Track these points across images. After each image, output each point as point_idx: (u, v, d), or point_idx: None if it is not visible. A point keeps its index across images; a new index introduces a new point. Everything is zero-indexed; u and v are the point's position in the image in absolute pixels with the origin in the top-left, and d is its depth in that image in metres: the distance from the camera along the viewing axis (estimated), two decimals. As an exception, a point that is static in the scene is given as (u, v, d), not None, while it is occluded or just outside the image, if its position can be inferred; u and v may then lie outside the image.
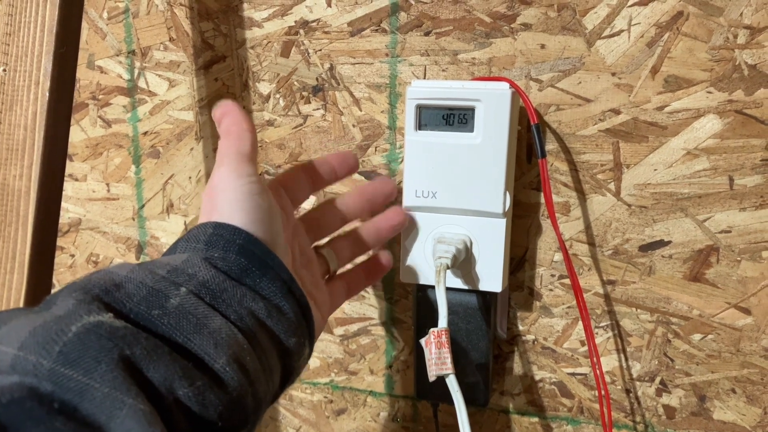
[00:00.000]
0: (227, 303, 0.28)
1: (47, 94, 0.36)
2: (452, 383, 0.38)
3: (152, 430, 0.22)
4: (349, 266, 0.43)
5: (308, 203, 0.49)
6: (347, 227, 0.43)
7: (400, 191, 0.44)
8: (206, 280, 0.28)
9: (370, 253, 0.45)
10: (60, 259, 0.60)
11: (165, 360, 0.24)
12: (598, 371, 0.45)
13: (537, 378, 0.49)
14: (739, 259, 0.43)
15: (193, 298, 0.27)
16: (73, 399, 0.22)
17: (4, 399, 0.21)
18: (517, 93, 0.41)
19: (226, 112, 0.36)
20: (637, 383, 0.47)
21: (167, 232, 0.56)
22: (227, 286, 0.29)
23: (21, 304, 0.36)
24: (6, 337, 0.23)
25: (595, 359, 0.45)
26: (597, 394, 0.48)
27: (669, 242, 0.44)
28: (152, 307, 0.26)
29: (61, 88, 0.37)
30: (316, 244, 0.41)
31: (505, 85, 0.41)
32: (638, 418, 0.47)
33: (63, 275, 0.60)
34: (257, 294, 0.30)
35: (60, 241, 0.60)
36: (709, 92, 0.42)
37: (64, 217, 0.59)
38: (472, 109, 0.41)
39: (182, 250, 0.31)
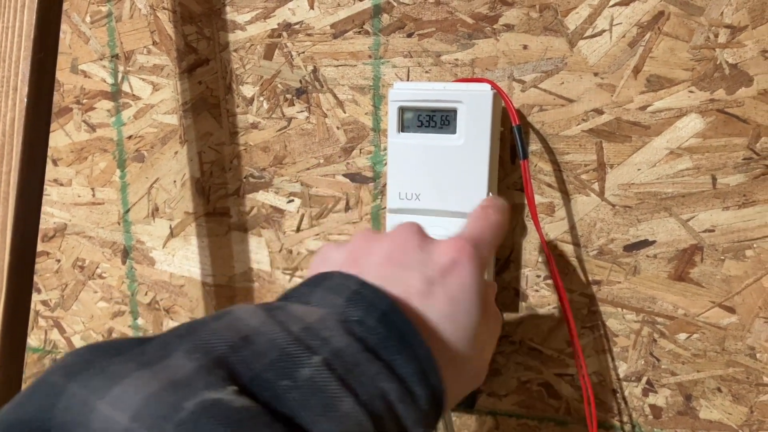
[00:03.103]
0: (359, 380, 0.25)
1: (25, 100, 0.36)
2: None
3: None
4: None
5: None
6: None
7: None
8: (341, 348, 0.25)
9: None
10: (46, 264, 0.60)
11: None
12: (583, 372, 0.44)
13: (524, 379, 0.49)
14: (722, 258, 0.43)
15: (325, 371, 0.24)
16: None
17: None
18: (498, 94, 0.41)
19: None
20: (624, 383, 0.47)
21: (153, 236, 0.56)
22: (362, 359, 0.25)
23: (0, 312, 0.36)
24: (119, 401, 0.21)
25: (580, 361, 0.45)
26: (583, 394, 0.48)
27: (653, 242, 0.44)
28: (281, 376, 0.23)
29: (39, 94, 0.37)
30: None
31: (487, 87, 0.40)
32: (625, 418, 0.47)
33: (49, 280, 0.60)
34: (393, 373, 0.26)
35: (46, 246, 0.59)
36: (691, 92, 0.42)
37: (50, 222, 0.59)
38: (454, 111, 0.41)
39: (318, 302, 0.28)
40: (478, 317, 0.31)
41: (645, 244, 0.44)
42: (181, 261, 0.56)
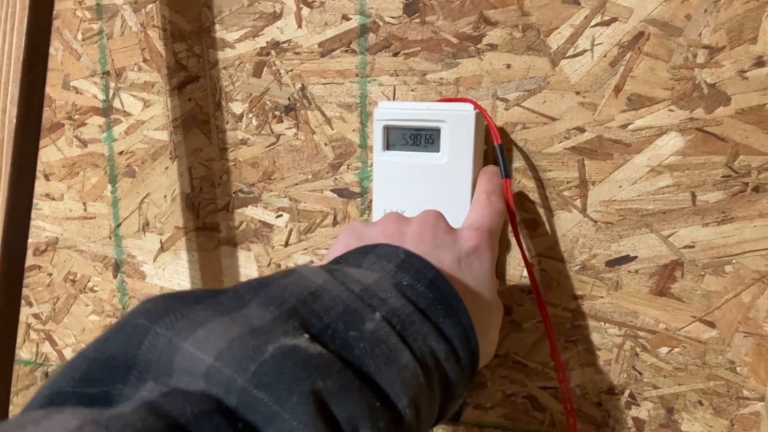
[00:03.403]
0: (414, 337, 0.27)
1: (14, 121, 0.37)
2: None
3: None
4: None
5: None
6: None
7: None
8: (397, 307, 0.27)
9: None
10: (38, 278, 0.60)
11: (354, 397, 0.23)
12: (564, 385, 0.45)
13: (509, 392, 0.50)
14: (702, 273, 0.44)
15: (386, 325, 0.26)
16: (258, 422, 0.21)
17: (195, 409, 0.20)
18: (481, 113, 0.42)
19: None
20: (607, 396, 0.48)
21: (143, 250, 0.56)
22: (416, 319, 0.27)
23: (-11, 330, 0.37)
24: (204, 342, 0.22)
25: (561, 374, 0.45)
26: (564, 408, 0.48)
27: (635, 257, 0.45)
28: (350, 327, 0.25)
29: (28, 115, 0.38)
30: None
31: (470, 106, 0.41)
32: (608, 431, 0.48)
33: (40, 294, 0.61)
34: (441, 334, 0.28)
35: (37, 260, 0.60)
36: (671, 110, 0.42)
37: (41, 236, 0.59)
38: (437, 130, 0.42)
39: (370, 267, 0.30)
40: (493, 298, 0.35)
41: (627, 259, 0.45)
42: (171, 275, 0.56)
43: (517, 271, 0.47)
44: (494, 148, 0.42)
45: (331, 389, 0.22)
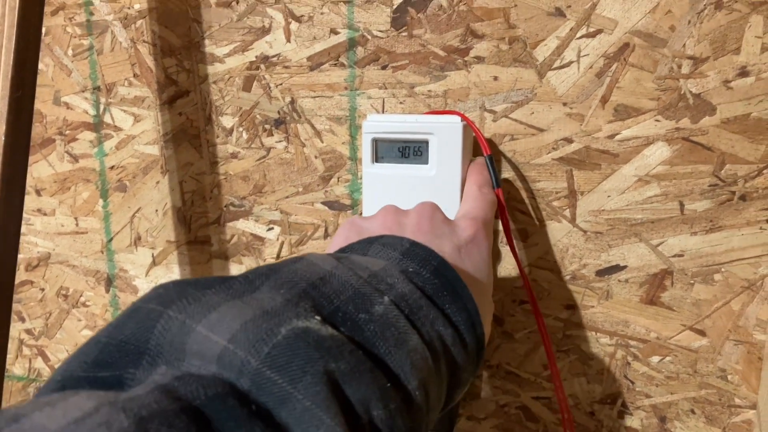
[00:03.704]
0: (422, 322, 0.27)
1: (3, 138, 0.37)
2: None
3: None
4: None
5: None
6: None
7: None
8: (405, 293, 0.27)
9: None
10: (30, 293, 0.60)
11: (366, 378, 0.23)
12: (559, 395, 0.45)
13: (502, 403, 0.50)
14: (692, 282, 0.44)
15: (395, 309, 0.26)
16: (270, 404, 0.21)
17: (209, 392, 0.20)
18: (468, 125, 0.42)
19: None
20: (600, 406, 0.48)
21: (135, 264, 0.56)
22: (423, 304, 0.28)
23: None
24: (217, 325, 0.22)
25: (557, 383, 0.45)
26: (561, 417, 0.48)
27: (625, 267, 0.45)
28: (359, 310, 0.25)
29: (17, 131, 0.38)
30: None
31: (457, 119, 0.41)
32: (602, 441, 0.48)
33: (33, 309, 0.60)
34: (447, 319, 0.28)
35: (30, 275, 0.60)
36: (657, 120, 0.43)
37: (33, 252, 0.59)
38: (425, 142, 0.42)
39: (376, 254, 0.30)
40: (490, 286, 0.36)
41: (616, 269, 0.45)
42: (163, 289, 0.56)
43: (507, 281, 0.47)
44: (484, 159, 0.43)
45: (344, 370, 0.22)
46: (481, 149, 0.45)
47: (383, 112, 0.47)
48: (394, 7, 0.46)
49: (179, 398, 0.20)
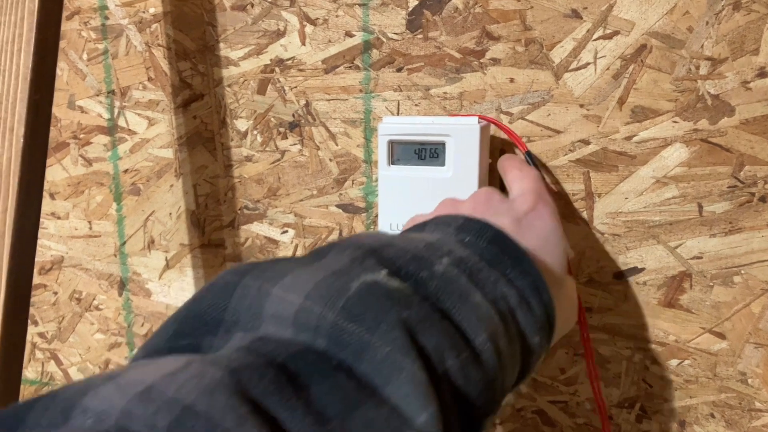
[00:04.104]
0: (483, 282, 0.27)
1: (22, 140, 0.37)
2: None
3: (429, 400, 0.21)
4: None
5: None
6: None
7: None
8: (463, 257, 0.27)
9: None
10: (43, 296, 0.60)
11: (437, 327, 0.23)
12: (597, 393, 0.45)
13: (518, 407, 0.49)
14: (711, 284, 0.44)
15: (455, 269, 0.26)
16: (350, 359, 0.21)
17: (290, 349, 0.21)
18: (486, 127, 0.42)
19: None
20: (617, 410, 0.47)
21: (149, 267, 0.56)
22: (482, 267, 0.28)
23: (-4, 349, 0.36)
24: (292, 286, 0.23)
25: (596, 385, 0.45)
26: (578, 421, 0.48)
27: (643, 269, 0.45)
28: (421, 269, 0.26)
29: (35, 134, 0.38)
30: None
31: (474, 120, 0.41)
32: (620, 445, 0.47)
33: (46, 313, 0.61)
34: (510, 282, 0.28)
35: (43, 279, 0.60)
36: (675, 122, 0.42)
37: (47, 255, 0.59)
38: (442, 144, 0.42)
39: (431, 231, 0.30)
40: (564, 252, 0.34)
41: (634, 271, 0.45)
42: (176, 292, 0.56)
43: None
44: (524, 156, 0.43)
45: (415, 319, 0.23)
46: (497, 151, 0.45)
47: (398, 114, 0.47)
48: (410, 9, 0.46)
49: (263, 354, 0.21)
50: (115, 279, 0.58)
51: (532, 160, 0.43)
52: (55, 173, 0.57)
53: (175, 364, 0.19)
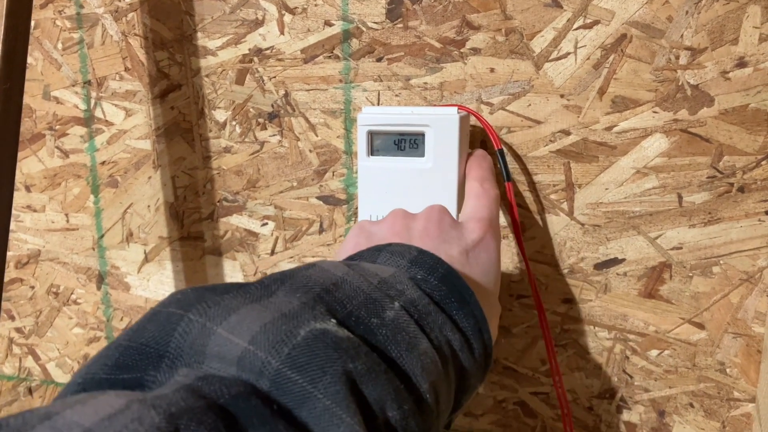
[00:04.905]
0: (431, 327, 0.28)
1: (-9, 131, 0.36)
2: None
3: None
4: None
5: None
6: None
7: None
8: (414, 299, 0.28)
9: None
10: (20, 291, 0.59)
11: (381, 379, 0.23)
12: (560, 389, 0.45)
13: (500, 398, 0.49)
14: (691, 275, 0.44)
15: (405, 314, 0.27)
16: (291, 404, 0.21)
17: (232, 391, 0.21)
18: (466, 117, 0.42)
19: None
20: (598, 401, 0.47)
21: (127, 261, 0.56)
22: (431, 310, 0.28)
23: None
24: (237, 327, 0.23)
25: (557, 377, 0.45)
26: (559, 412, 0.48)
27: (623, 260, 0.45)
28: (371, 314, 0.26)
29: (5, 124, 0.37)
30: None
31: (453, 110, 0.41)
32: (600, 436, 0.48)
33: (23, 307, 0.60)
34: (455, 325, 0.29)
35: (19, 273, 0.59)
36: (655, 112, 0.42)
37: (23, 249, 0.58)
38: (422, 134, 0.41)
39: (385, 262, 0.31)
40: (497, 288, 0.36)
41: (615, 262, 0.45)
42: (156, 286, 0.56)
43: (505, 276, 0.47)
44: (496, 153, 0.42)
45: (361, 370, 0.23)
46: (485, 143, 0.45)
47: (378, 104, 0.47)
48: (389, -2, 0.45)
49: (204, 396, 0.20)
50: (93, 273, 0.57)
51: (504, 160, 0.42)
52: (30, 165, 0.56)
53: (115, 405, 0.19)
